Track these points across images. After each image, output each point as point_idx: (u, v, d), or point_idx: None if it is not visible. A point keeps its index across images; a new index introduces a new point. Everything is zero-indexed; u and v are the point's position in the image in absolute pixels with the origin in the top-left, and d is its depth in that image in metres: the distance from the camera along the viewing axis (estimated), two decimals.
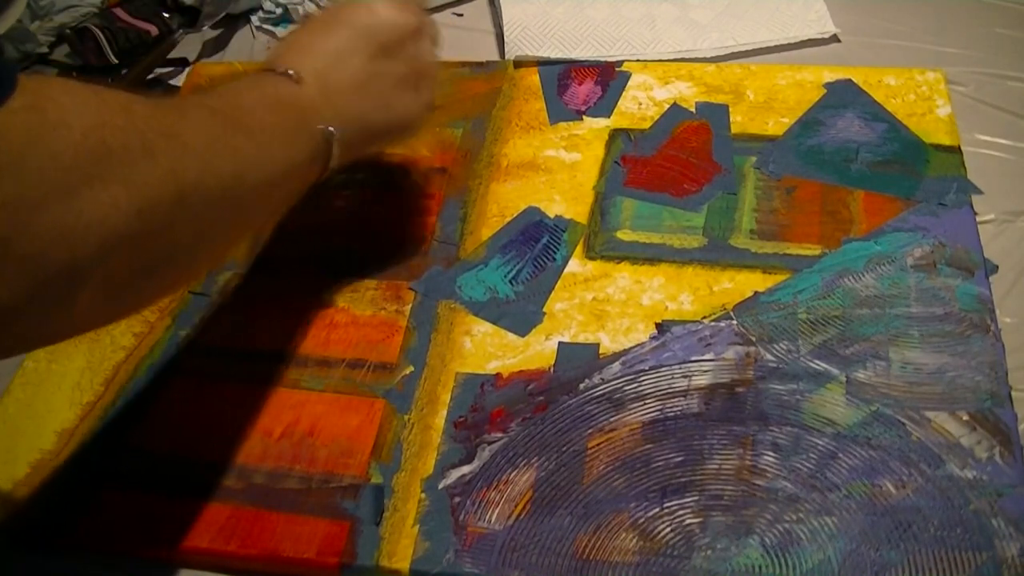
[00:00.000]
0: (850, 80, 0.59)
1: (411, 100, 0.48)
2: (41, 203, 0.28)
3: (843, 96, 0.58)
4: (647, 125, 0.59)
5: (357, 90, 0.45)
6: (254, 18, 0.72)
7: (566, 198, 0.55)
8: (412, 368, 0.49)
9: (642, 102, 0.60)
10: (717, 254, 0.51)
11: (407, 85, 0.47)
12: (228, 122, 0.38)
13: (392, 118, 0.47)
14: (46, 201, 0.29)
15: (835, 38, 0.64)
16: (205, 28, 0.71)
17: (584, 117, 0.60)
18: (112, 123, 0.32)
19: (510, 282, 0.52)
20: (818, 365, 0.46)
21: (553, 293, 0.51)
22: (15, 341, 0.32)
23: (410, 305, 0.52)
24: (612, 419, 0.45)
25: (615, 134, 0.58)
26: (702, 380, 0.46)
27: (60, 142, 0.29)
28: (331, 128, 0.43)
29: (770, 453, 0.43)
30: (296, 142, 0.42)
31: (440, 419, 0.47)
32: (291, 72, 0.43)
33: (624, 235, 0.53)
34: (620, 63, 0.63)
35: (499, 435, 0.46)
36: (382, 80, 0.46)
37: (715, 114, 0.58)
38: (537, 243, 0.53)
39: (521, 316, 0.50)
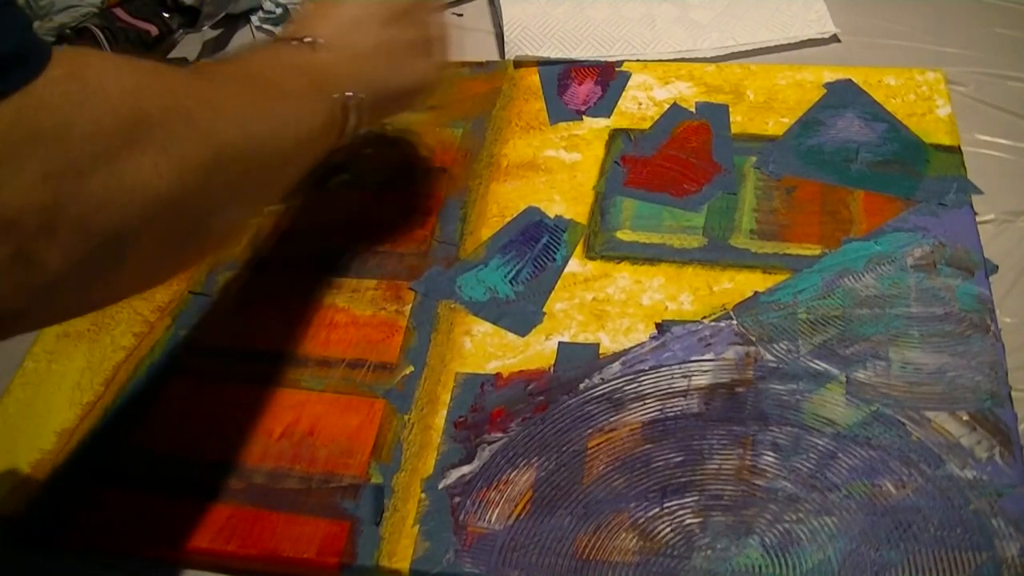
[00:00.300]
0: (850, 80, 0.59)
1: (424, 64, 0.49)
2: (87, 169, 0.29)
3: (843, 96, 0.58)
4: (647, 125, 0.59)
5: (372, 55, 0.46)
6: (254, 18, 0.73)
7: (566, 198, 0.55)
8: (412, 368, 0.49)
9: (642, 102, 0.60)
10: (717, 254, 0.51)
11: (419, 50, 0.49)
12: (255, 87, 0.39)
13: (406, 82, 0.48)
14: (93, 167, 0.29)
15: (835, 38, 0.64)
16: (205, 28, 0.71)
17: (584, 117, 0.60)
18: (149, 87, 0.32)
19: (510, 282, 0.52)
20: (818, 365, 0.46)
21: (553, 293, 0.51)
22: (64, 309, 0.33)
23: (410, 305, 0.52)
24: (612, 419, 0.45)
25: (615, 134, 0.58)
26: (702, 380, 0.46)
27: (101, 107, 0.30)
28: (348, 93, 0.44)
29: (770, 453, 0.43)
30: (316, 106, 0.42)
31: (440, 419, 0.47)
32: (308, 39, 0.44)
33: (624, 235, 0.53)
34: (620, 63, 0.63)
35: (499, 435, 0.46)
36: (395, 45, 0.47)
37: (715, 114, 0.58)
38: (537, 243, 0.53)
39: (521, 316, 0.50)
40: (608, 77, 0.62)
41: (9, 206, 0.27)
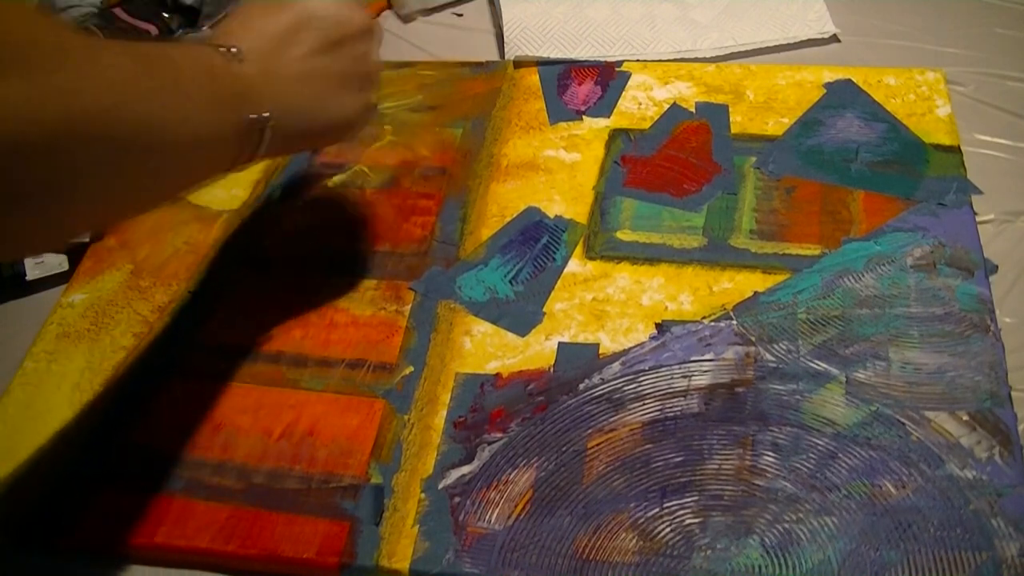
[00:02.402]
0: (850, 80, 0.59)
1: (352, 100, 0.46)
2: None
3: (843, 96, 0.58)
4: (647, 125, 0.59)
5: (298, 80, 0.43)
6: None
7: (566, 198, 0.55)
8: (412, 368, 0.49)
9: (642, 102, 0.60)
10: (717, 254, 0.51)
11: (350, 85, 0.46)
12: (154, 68, 0.36)
13: (330, 116, 0.46)
14: None
15: (835, 38, 0.64)
16: (205, 28, 0.71)
17: (584, 117, 0.60)
18: (20, 15, 0.31)
19: (510, 282, 0.52)
20: (818, 365, 0.46)
21: (553, 293, 0.51)
22: None
23: (410, 305, 0.52)
24: (612, 419, 0.45)
25: (615, 134, 0.58)
26: (702, 380, 0.46)
27: None
28: (266, 113, 0.42)
29: (770, 453, 0.43)
30: (225, 115, 0.40)
31: (440, 419, 0.47)
32: (234, 49, 0.41)
33: (624, 235, 0.53)
34: (620, 63, 0.63)
35: (499, 435, 0.46)
36: (325, 75, 0.45)
37: (715, 114, 0.58)
38: (537, 243, 0.53)
39: (521, 316, 0.50)
40: (608, 77, 0.62)
41: None
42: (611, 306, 0.50)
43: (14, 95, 0.29)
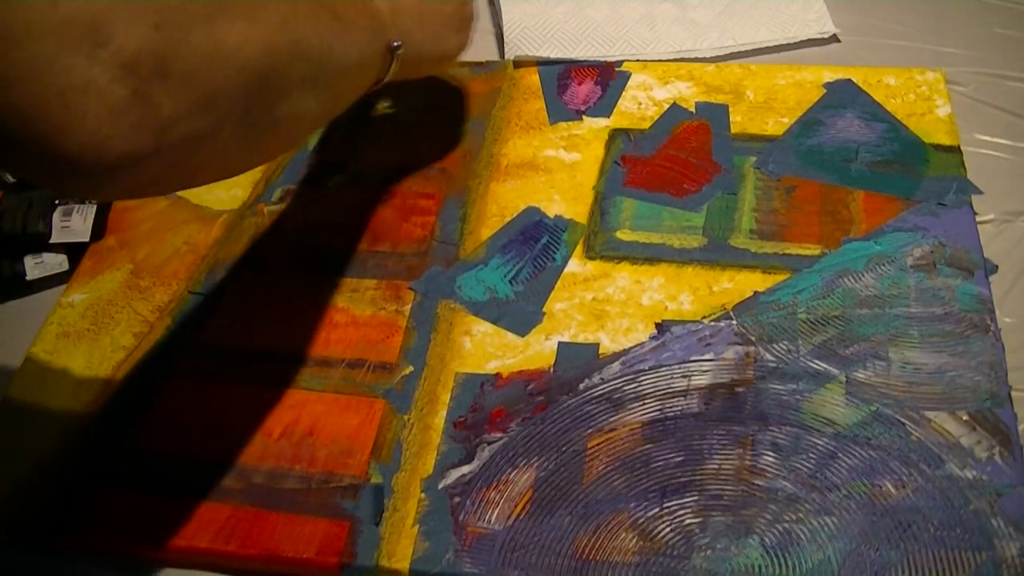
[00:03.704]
0: (850, 80, 0.59)
1: (455, 38, 0.54)
2: (190, 25, 0.33)
3: (843, 96, 0.58)
4: (647, 125, 0.59)
5: (418, 18, 0.50)
6: None
7: (566, 198, 0.55)
8: (412, 368, 0.49)
9: (642, 102, 0.60)
10: (717, 254, 0.51)
11: (453, 25, 0.54)
12: (324, 4, 0.42)
13: (438, 51, 0.53)
14: (193, 24, 0.33)
15: (835, 38, 0.64)
16: None
17: (584, 117, 0.60)
18: None
19: (510, 282, 0.52)
20: (818, 365, 0.46)
21: (553, 293, 0.51)
22: (168, 169, 0.35)
23: (410, 305, 0.52)
24: (612, 419, 0.45)
25: (615, 134, 0.58)
26: (702, 380, 0.46)
27: None
28: (396, 43, 0.48)
29: (770, 453, 0.43)
30: (371, 41, 0.46)
31: (440, 419, 0.47)
32: None
33: (624, 235, 0.53)
34: (620, 63, 0.63)
35: (499, 435, 0.46)
36: (437, 15, 0.52)
37: (715, 114, 0.58)
38: (537, 243, 0.53)
39: (521, 316, 0.50)
40: (608, 77, 0.62)
41: (128, 49, 0.30)
42: (611, 306, 0.50)
43: (250, 31, 0.35)
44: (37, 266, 0.56)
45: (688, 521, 0.42)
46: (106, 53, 0.30)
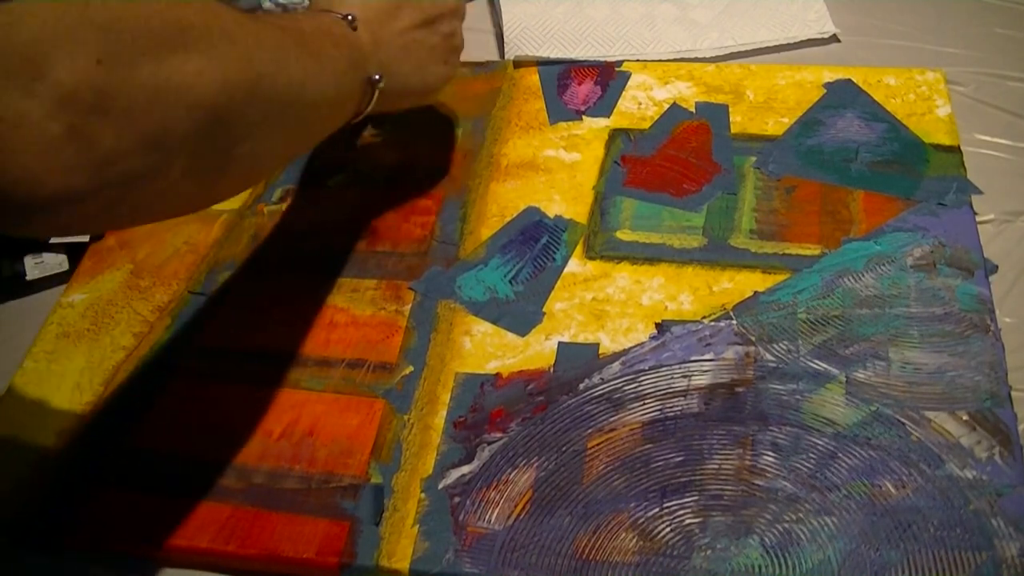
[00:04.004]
0: (850, 80, 0.59)
1: (441, 70, 0.52)
2: (133, 61, 0.32)
3: (843, 96, 0.58)
4: (647, 125, 0.59)
5: (401, 49, 0.49)
6: None
7: (566, 198, 0.55)
8: (412, 368, 0.49)
9: (642, 102, 0.60)
10: (717, 254, 0.51)
11: (440, 57, 0.52)
12: (294, 38, 0.41)
13: (422, 83, 0.51)
14: (141, 60, 0.32)
15: (835, 38, 0.64)
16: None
17: (584, 117, 0.60)
18: (192, 4, 0.35)
19: (510, 282, 0.52)
20: (818, 365, 0.46)
21: (553, 293, 0.51)
22: (110, 205, 0.33)
23: (410, 305, 0.52)
24: (612, 419, 0.45)
25: (615, 134, 0.58)
26: (702, 380, 0.46)
27: (147, 8, 0.33)
28: (375, 77, 0.47)
29: (770, 453, 0.43)
30: (351, 75, 0.45)
31: (440, 419, 0.47)
32: (349, 16, 0.46)
33: (624, 235, 0.53)
34: (620, 63, 0.63)
35: (499, 435, 0.46)
36: (421, 46, 0.50)
37: (715, 114, 0.58)
38: (537, 243, 0.53)
39: (521, 316, 0.50)
40: (608, 77, 0.62)
41: (66, 83, 0.29)
42: (611, 306, 0.50)
43: (205, 67, 0.34)
44: (37, 266, 0.56)
45: (688, 521, 0.42)
46: (42, 87, 0.29)
